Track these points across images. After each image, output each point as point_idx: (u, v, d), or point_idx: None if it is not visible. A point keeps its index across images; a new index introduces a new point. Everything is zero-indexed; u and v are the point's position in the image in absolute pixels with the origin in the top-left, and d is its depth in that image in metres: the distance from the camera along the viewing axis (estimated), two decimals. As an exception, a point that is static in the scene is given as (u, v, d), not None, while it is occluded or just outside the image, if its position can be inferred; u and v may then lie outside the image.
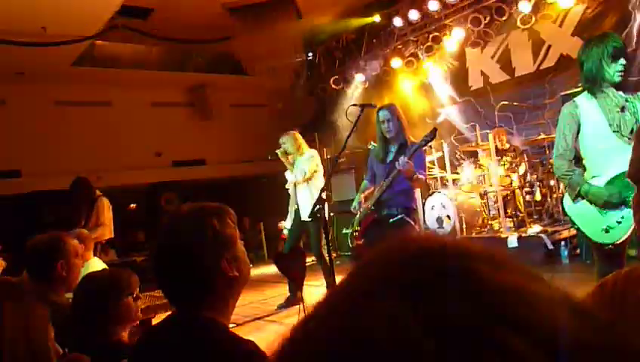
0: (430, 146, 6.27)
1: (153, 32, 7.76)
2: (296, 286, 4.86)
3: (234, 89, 10.12)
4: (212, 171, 10.30)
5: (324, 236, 4.20)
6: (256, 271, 7.95)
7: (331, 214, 7.79)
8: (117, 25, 7.11)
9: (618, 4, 6.51)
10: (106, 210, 5.41)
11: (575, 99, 2.75)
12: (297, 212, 5.32)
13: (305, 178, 5.17)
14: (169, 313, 1.43)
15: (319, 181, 5.22)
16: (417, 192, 4.01)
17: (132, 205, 11.05)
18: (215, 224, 1.31)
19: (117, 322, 1.96)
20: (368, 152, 4.50)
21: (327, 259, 4.38)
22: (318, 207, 3.58)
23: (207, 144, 10.15)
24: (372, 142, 4.84)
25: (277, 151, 5.40)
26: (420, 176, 3.77)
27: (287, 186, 5.54)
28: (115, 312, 1.95)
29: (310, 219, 4.99)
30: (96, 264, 3.69)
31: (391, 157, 3.94)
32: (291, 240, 5.35)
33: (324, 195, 3.69)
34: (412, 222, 3.87)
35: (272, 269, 8.61)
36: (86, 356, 1.75)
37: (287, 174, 5.45)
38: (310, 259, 5.19)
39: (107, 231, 5.39)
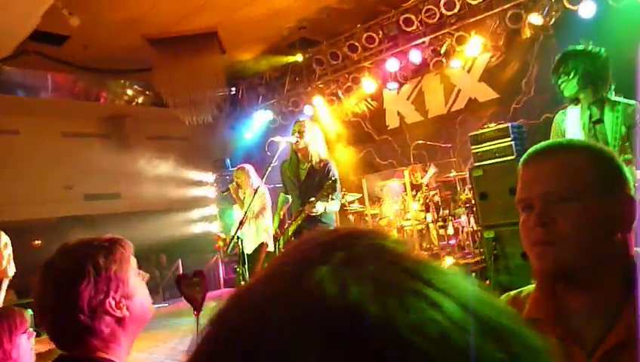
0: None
1: (68, 60, 7.46)
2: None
3: (153, 121, 9.88)
4: (127, 205, 9.88)
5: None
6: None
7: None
8: (28, 50, 6.77)
9: (519, 54, 7.14)
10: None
11: (567, 108, 3.13)
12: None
13: (254, 215, 5.09)
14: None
15: (267, 218, 5.20)
16: (333, 215, 4.11)
17: (37, 241, 10.30)
18: (99, 261, 1.24)
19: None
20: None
21: None
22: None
23: (123, 176, 9.75)
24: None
25: (229, 185, 5.32)
26: (333, 206, 3.91)
27: (234, 220, 5.46)
28: (6, 354, 1.80)
29: (251, 252, 4.99)
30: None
31: (303, 175, 4.01)
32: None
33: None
34: None
35: (188, 305, 8.31)
36: None
37: (235, 209, 5.37)
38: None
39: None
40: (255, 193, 4.67)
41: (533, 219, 0.98)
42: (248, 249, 5.06)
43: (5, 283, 5.05)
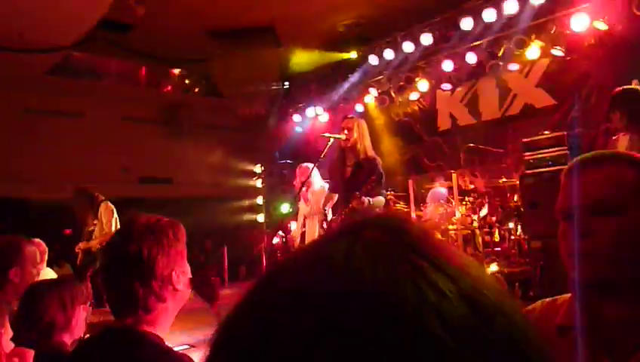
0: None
1: (132, 47, 7.79)
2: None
3: (207, 110, 10.15)
4: (178, 190, 10.21)
5: None
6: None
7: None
8: (95, 37, 7.11)
9: (580, 61, 6.87)
10: (110, 216, 5.36)
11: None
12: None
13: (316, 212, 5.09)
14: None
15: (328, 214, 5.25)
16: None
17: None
18: (170, 235, 1.34)
19: (63, 331, 1.93)
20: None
21: None
22: None
23: (176, 163, 10.09)
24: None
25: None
26: (378, 201, 3.92)
27: (298, 217, 5.48)
28: (63, 321, 1.93)
29: None
30: (48, 276, 3.62)
31: (348, 172, 4.04)
32: None
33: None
34: None
35: (231, 292, 8.52)
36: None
37: (301, 205, 5.38)
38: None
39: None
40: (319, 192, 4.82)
41: (573, 229, 0.98)
42: None
43: None
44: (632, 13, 5.78)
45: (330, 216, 4.54)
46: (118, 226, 5.35)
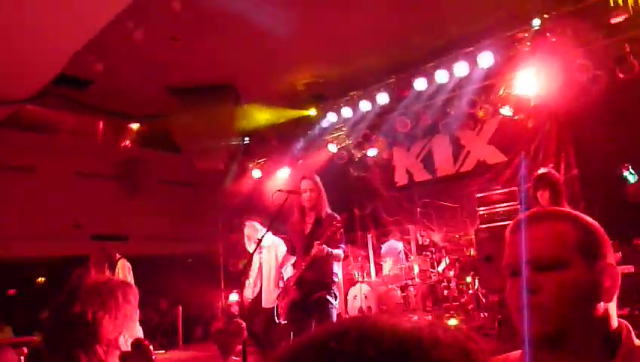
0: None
1: (89, 102, 7.72)
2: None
3: (165, 166, 10.05)
4: (134, 248, 9.88)
5: None
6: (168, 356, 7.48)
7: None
8: (51, 91, 7.02)
9: (524, 122, 7.24)
10: (125, 274, 5.47)
11: None
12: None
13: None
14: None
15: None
16: (336, 265, 4.10)
17: (40, 279, 10.29)
18: (120, 297, 1.28)
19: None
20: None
21: None
22: None
23: (132, 219, 9.82)
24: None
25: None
26: (337, 252, 3.91)
27: (252, 269, 5.40)
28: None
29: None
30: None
31: (307, 228, 4.05)
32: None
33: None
34: (331, 300, 3.93)
35: (186, 355, 8.15)
36: None
37: (256, 255, 5.30)
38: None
39: None
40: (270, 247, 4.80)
41: (520, 285, 1.00)
42: (266, 302, 5.06)
43: None
44: (573, 78, 6.19)
45: (289, 273, 4.49)
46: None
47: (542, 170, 4.35)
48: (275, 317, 4.28)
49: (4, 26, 5.03)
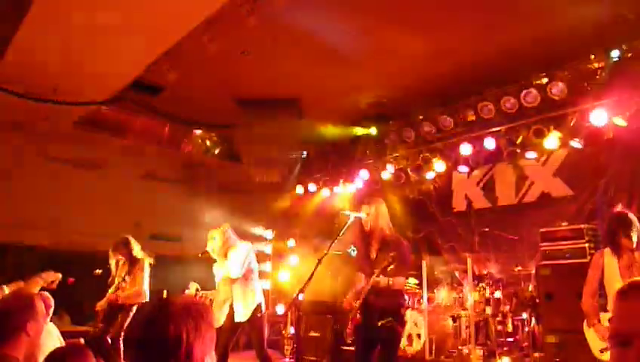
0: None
1: (159, 108, 8.03)
2: None
3: (224, 173, 10.27)
4: (186, 248, 10.13)
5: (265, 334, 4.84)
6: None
7: (300, 314, 7.60)
8: (126, 95, 7.35)
9: (599, 153, 6.90)
10: (145, 273, 6.00)
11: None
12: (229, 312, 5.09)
13: (242, 273, 5.07)
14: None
15: (256, 280, 5.17)
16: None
17: (98, 271, 10.69)
18: (208, 320, 1.31)
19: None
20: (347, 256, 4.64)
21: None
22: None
23: (188, 222, 10.08)
24: (352, 247, 4.93)
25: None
26: (399, 280, 3.90)
27: (217, 281, 5.40)
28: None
29: (245, 320, 4.95)
30: (50, 329, 3.53)
31: (374, 253, 4.05)
32: (222, 342, 4.92)
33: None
34: (399, 326, 3.93)
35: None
36: None
37: (215, 268, 5.39)
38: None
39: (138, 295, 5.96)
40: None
41: (634, 358, 0.93)
42: (238, 316, 5.01)
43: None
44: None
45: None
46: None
47: (620, 209, 4.17)
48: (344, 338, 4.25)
49: (94, 27, 5.31)
